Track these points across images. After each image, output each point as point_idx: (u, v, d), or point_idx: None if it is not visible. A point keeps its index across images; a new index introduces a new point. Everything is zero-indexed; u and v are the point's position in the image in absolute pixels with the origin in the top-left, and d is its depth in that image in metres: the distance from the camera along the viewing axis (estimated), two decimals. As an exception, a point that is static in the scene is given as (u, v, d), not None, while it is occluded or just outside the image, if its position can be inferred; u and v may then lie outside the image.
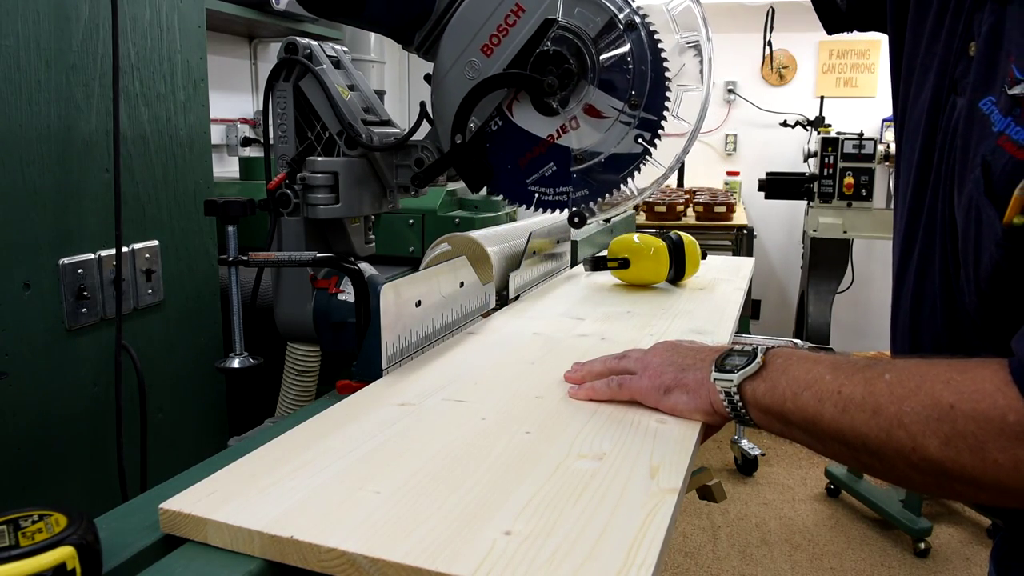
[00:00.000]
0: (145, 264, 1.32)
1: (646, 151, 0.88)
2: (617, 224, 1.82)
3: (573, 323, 1.07)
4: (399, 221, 1.75)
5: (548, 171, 0.90)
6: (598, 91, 0.87)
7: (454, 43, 0.90)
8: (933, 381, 0.53)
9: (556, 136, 0.89)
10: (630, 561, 0.47)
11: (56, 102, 1.13)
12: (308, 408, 0.83)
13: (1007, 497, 0.52)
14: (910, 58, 0.72)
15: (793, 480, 3.21)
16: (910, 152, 0.70)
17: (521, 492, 0.56)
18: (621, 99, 0.86)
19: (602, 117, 0.87)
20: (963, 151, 0.59)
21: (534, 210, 0.93)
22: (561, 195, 0.91)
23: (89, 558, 0.47)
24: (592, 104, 0.87)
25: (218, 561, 0.51)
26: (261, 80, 2.95)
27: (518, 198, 0.93)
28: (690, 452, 0.64)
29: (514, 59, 0.87)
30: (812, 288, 3.76)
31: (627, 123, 0.87)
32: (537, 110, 0.89)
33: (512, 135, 0.91)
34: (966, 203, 0.57)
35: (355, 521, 0.52)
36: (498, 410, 0.73)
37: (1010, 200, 0.52)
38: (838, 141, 3.50)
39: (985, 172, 0.54)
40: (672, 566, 2.56)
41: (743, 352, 0.68)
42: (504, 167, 0.92)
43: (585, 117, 0.88)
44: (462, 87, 0.89)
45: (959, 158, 0.60)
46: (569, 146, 0.89)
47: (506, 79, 0.88)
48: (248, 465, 0.61)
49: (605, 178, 0.89)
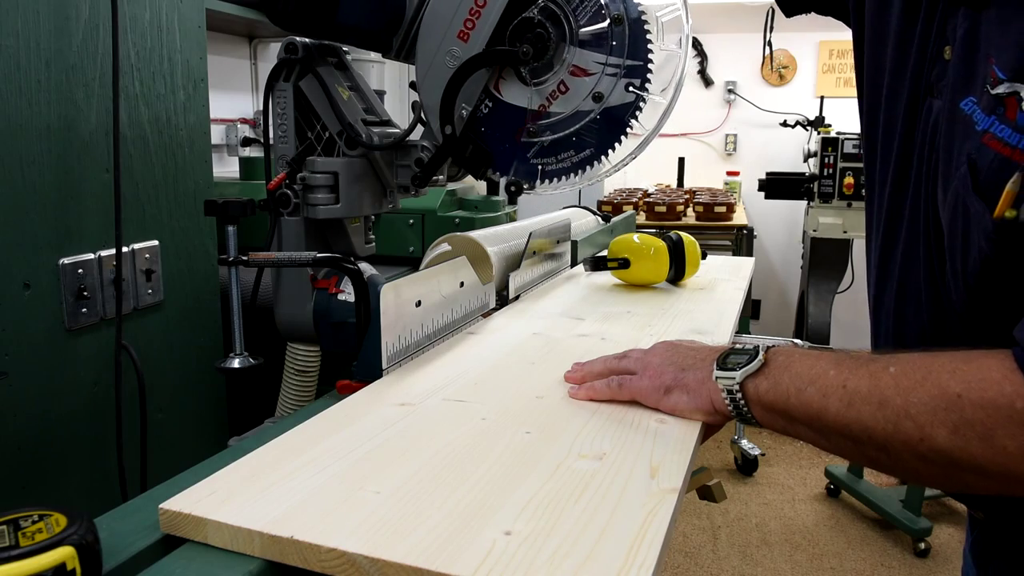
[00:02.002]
0: (145, 264, 1.32)
1: (639, 97, 0.87)
2: (617, 224, 1.81)
3: (573, 323, 1.07)
4: (399, 221, 1.75)
5: (546, 141, 0.90)
6: (579, 50, 0.87)
7: (431, 37, 0.90)
8: (939, 372, 0.54)
9: (548, 104, 0.89)
10: (630, 561, 0.47)
11: (56, 102, 1.13)
12: (308, 408, 0.83)
13: (1015, 485, 0.53)
14: (874, 56, 0.74)
15: (793, 480, 3.20)
16: (886, 153, 0.71)
17: (521, 492, 0.56)
18: (603, 52, 0.86)
19: (588, 74, 0.87)
20: (946, 151, 0.60)
21: (540, 182, 0.92)
22: (564, 161, 0.91)
23: (89, 558, 0.47)
24: (576, 64, 0.87)
25: (218, 561, 0.51)
26: (261, 80, 2.95)
27: (523, 175, 0.92)
28: (690, 452, 0.64)
29: (491, 38, 0.87)
30: (812, 288, 3.76)
31: (613, 75, 0.87)
32: (523, 82, 0.89)
33: (504, 113, 0.90)
34: (952, 200, 0.59)
35: (355, 521, 0.52)
36: (498, 410, 0.73)
37: (1000, 195, 0.53)
38: (838, 141, 3.50)
39: (972, 169, 0.56)
40: (672, 566, 2.56)
41: (744, 351, 0.68)
42: (502, 147, 0.92)
43: (572, 79, 0.88)
44: (446, 78, 0.89)
45: (942, 157, 0.61)
46: (562, 111, 0.89)
47: (480, 59, 0.87)
48: (248, 465, 0.61)
49: (604, 134, 0.89)
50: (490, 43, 0.87)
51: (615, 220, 1.83)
